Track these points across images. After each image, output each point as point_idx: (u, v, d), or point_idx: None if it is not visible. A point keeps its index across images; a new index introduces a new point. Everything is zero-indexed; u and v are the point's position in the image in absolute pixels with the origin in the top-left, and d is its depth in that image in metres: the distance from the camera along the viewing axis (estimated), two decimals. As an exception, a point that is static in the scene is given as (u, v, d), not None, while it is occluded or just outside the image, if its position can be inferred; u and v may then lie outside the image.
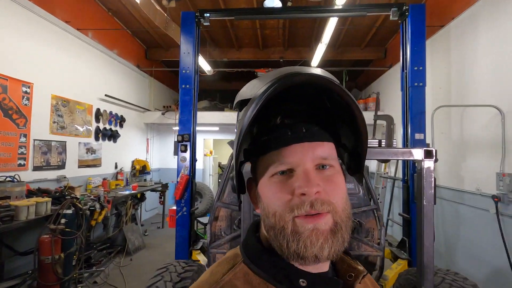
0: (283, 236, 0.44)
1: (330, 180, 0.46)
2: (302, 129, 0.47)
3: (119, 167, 5.58)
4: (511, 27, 2.84)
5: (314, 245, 0.42)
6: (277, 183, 0.46)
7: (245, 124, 0.43)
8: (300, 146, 0.46)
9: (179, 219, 3.14)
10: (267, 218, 0.47)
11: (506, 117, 2.85)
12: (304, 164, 0.45)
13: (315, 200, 0.43)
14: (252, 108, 0.42)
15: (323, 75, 0.44)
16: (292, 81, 0.43)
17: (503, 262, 2.75)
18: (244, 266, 0.49)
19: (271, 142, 0.48)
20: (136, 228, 4.94)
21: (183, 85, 3.24)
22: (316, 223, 0.42)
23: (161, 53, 6.69)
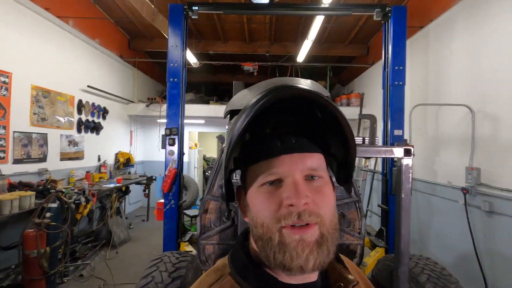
0: (270, 247, 0.44)
1: (319, 191, 0.46)
2: (292, 140, 0.47)
3: (102, 160, 5.48)
4: (483, 33, 3.04)
5: (300, 256, 0.42)
6: (265, 193, 0.46)
7: (235, 135, 0.43)
8: (289, 157, 0.46)
9: (167, 211, 3.18)
10: (255, 228, 0.47)
11: (476, 116, 3.09)
12: (293, 175, 0.45)
13: (303, 211, 0.43)
14: (242, 120, 0.42)
15: (310, 90, 0.44)
16: (282, 95, 0.43)
17: (469, 249, 3.02)
18: (231, 278, 0.49)
19: (261, 152, 0.48)
20: (121, 221, 4.91)
21: (171, 79, 3.24)
22: (302, 234, 0.43)
23: (145, 44, 6.53)
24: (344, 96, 6.97)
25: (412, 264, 1.73)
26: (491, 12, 2.95)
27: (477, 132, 3.06)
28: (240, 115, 0.44)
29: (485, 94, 2.99)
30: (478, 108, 3.06)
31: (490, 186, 2.86)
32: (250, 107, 0.42)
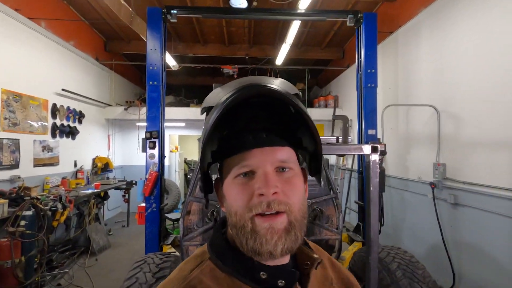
0: (243, 234, 0.47)
1: (288, 181, 0.49)
2: (263, 134, 0.51)
3: (79, 165, 5.32)
4: (445, 38, 3.29)
5: (269, 242, 0.46)
6: (239, 184, 0.49)
7: (207, 130, 0.47)
8: (260, 150, 0.49)
9: (149, 215, 3.16)
10: (230, 216, 0.51)
11: (441, 115, 3.33)
12: (264, 166, 0.48)
13: (272, 201, 0.46)
14: (214, 116, 0.46)
15: (275, 89, 0.47)
16: (249, 93, 0.47)
17: (438, 239, 3.24)
18: (210, 263, 0.52)
19: (235, 146, 0.51)
20: (100, 228, 4.79)
21: (150, 82, 3.23)
22: (272, 222, 0.46)
23: (122, 46, 6.42)
24: (322, 98, 7.19)
25: (384, 254, 1.86)
26: (452, 19, 3.20)
27: (442, 130, 3.30)
28: (212, 112, 0.48)
29: (448, 95, 3.23)
30: (443, 108, 3.30)
31: (454, 180, 3.10)
32: (220, 104, 0.46)
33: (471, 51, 2.93)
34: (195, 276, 0.50)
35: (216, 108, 0.47)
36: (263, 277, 0.49)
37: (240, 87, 0.48)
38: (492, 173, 2.66)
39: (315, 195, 2.55)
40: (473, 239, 2.88)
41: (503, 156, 2.54)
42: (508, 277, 2.50)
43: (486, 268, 2.72)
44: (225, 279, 0.50)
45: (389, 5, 4.38)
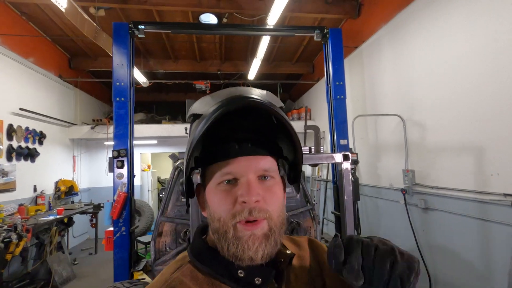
0: (225, 240, 0.49)
1: (269, 190, 0.52)
2: (248, 144, 0.53)
3: (39, 190, 4.89)
4: (405, 50, 3.51)
5: (250, 249, 0.48)
6: (222, 191, 0.51)
7: (195, 138, 0.48)
8: (245, 158, 0.51)
9: (118, 240, 2.94)
10: (212, 222, 0.52)
11: (406, 124, 3.49)
12: (247, 174, 0.50)
13: (253, 208, 0.48)
14: (202, 125, 0.48)
15: (262, 101, 0.49)
16: (237, 106, 0.48)
17: (412, 244, 3.30)
18: (190, 265, 0.54)
19: (220, 153, 0.52)
20: (63, 257, 4.38)
21: (117, 98, 3.10)
22: (253, 230, 0.49)
23: (88, 63, 6.18)
24: (295, 111, 7.33)
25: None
26: (409, 34, 3.42)
27: (409, 138, 3.45)
28: (200, 121, 0.49)
29: (411, 104, 3.41)
30: (408, 117, 3.47)
31: (423, 185, 3.22)
32: (209, 115, 0.48)
33: (427, 62, 3.14)
34: (176, 278, 0.52)
35: (205, 118, 0.49)
36: (240, 275, 0.51)
37: (229, 99, 0.50)
38: (457, 176, 2.79)
39: (291, 208, 2.52)
40: (444, 242, 2.97)
41: (466, 159, 2.69)
42: (478, 276, 2.59)
43: (459, 269, 2.80)
44: (204, 280, 0.52)
45: (353, 21, 4.63)
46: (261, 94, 0.53)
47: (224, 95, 0.51)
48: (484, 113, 2.50)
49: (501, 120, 2.35)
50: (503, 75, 2.32)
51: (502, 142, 2.35)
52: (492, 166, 2.43)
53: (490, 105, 2.44)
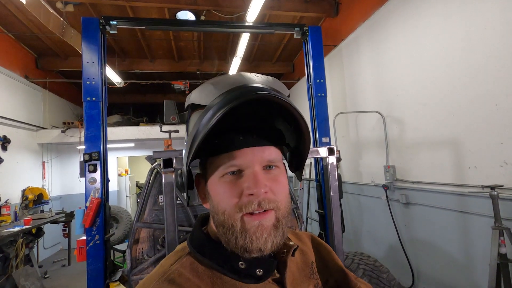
0: (231, 233, 0.48)
1: (276, 179, 0.51)
2: (253, 134, 0.50)
3: (4, 200, 4.52)
4: (383, 48, 3.55)
5: (259, 240, 0.47)
6: (227, 183, 0.49)
7: (202, 132, 0.46)
8: (250, 150, 0.49)
9: (91, 249, 2.74)
10: (216, 215, 0.50)
11: (386, 120, 3.52)
12: (253, 166, 0.49)
13: (262, 200, 0.47)
14: (208, 118, 0.46)
15: (274, 94, 0.47)
16: (247, 98, 0.45)
17: (395, 239, 3.34)
18: (190, 257, 0.53)
19: (223, 145, 0.50)
20: (32, 271, 4.05)
21: (88, 98, 2.90)
22: (261, 220, 0.47)
23: (57, 63, 5.82)
24: (276, 111, 7.31)
25: (348, 261, 1.79)
26: (386, 32, 3.47)
27: (389, 134, 3.49)
28: (205, 112, 0.47)
29: (390, 101, 3.45)
30: (387, 113, 3.51)
31: (404, 181, 3.26)
32: (216, 107, 0.46)
33: (404, 59, 3.19)
34: (175, 270, 0.50)
35: (210, 110, 0.47)
36: (241, 267, 0.50)
37: (237, 89, 0.47)
38: (436, 171, 2.84)
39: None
40: (426, 236, 3.01)
41: (443, 153, 2.74)
42: (459, 268, 2.63)
43: (440, 262, 2.84)
44: (205, 271, 0.51)
45: (331, 20, 4.66)
46: (267, 81, 0.51)
47: (228, 84, 0.49)
48: (459, 107, 2.55)
49: (476, 113, 2.40)
50: (475, 69, 2.38)
51: (477, 135, 2.40)
52: (469, 159, 2.48)
53: (465, 99, 2.49)
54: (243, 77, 0.50)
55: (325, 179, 1.14)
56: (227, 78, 0.51)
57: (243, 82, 0.49)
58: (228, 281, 0.50)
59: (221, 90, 0.48)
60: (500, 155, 2.23)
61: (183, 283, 0.48)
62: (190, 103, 0.52)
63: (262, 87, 0.48)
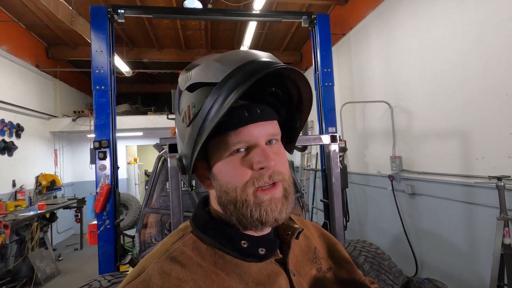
0: (246, 207, 0.48)
1: (278, 153, 0.52)
2: (257, 110, 0.50)
3: (19, 185, 4.69)
4: (392, 36, 3.48)
5: (274, 211, 0.48)
6: (235, 160, 0.49)
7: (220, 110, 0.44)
8: (255, 125, 0.50)
9: (102, 233, 2.85)
10: (226, 194, 0.50)
11: (394, 110, 3.48)
12: (260, 141, 0.50)
13: (272, 173, 0.48)
14: (224, 96, 0.44)
15: (289, 67, 0.47)
16: (267, 71, 0.44)
17: (399, 229, 3.35)
18: (193, 235, 0.53)
19: (228, 122, 0.49)
20: (47, 253, 4.24)
21: (97, 86, 2.96)
22: (272, 194, 0.49)
23: (67, 52, 5.89)
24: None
25: (351, 248, 1.82)
26: (396, 20, 3.39)
27: (396, 124, 3.46)
28: (218, 90, 0.44)
29: (398, 90, 3.40)
30: (395, 104, 3.47)
31: (410, 171, 3.24)
32: (236, 84, 0.44)
33: (413, 48, 3.12)
34: (177, 248, 0.51)
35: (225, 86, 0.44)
36: (244, 245, 0.51)
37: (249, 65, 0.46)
38: (443, 161, 2.81)
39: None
40: (431, 226, 3.02)
41: (451, 144, 2.71)
42: (464, 258, 2.64)
43: (445, 252, 2.85)
44: (207, 250, 0.51)
45: (340, 8, 4.57)
46: (270, 55, 0.50)
47: (238, 60, 0.46)
48: (469, 97, 2.50)
49: (486, 103, 2.36)
50: (488, 58, 2.32)
51: (486, 125, 2.37)
52: (477, 149, 2.45)
53: (475, 88, 2.44)
54: (250, 53, 0.49)
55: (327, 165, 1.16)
56: (234, 54, 0.49)
57: (253, 57, 0.47)
58: (230, 260, 0.50)
59: (231, 66, 0.46)
60: (508, 146, 2.20)
61: (184, 261, 0.49)
62: (196, 82, 0.50)
63: (273, 61, 0.47)
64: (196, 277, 0.47)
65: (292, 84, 0.53)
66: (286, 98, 0.56)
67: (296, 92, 0.54)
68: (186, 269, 0.47)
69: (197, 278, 0.47)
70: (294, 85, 0.53)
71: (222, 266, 0.50)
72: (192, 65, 0.55)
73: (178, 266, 0.48)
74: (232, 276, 0.49)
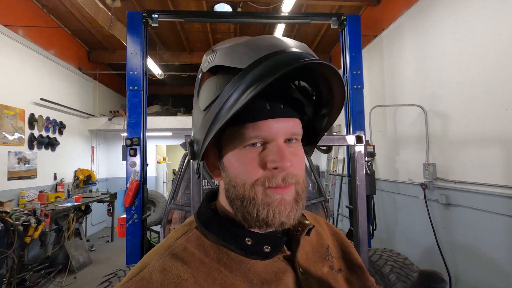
0: (253, 206, 0.45)
1: (296, 153, 0.48)
2: (280, 105, 0.47)
3: (59, 178, 5.07)
4: (428, 37, 3.30)
5: (282, 213, 0.45)
6: (249, 154, 0.46)
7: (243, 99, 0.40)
8: (276, 121, 0.46)
9: (130, 227, 2.99)
10: (234, 188, 0.47)
11: (428, 115, 3.29)
12: (278, 138, 0.46)
13: (286, 175, 0.45)
14: (248, 84, 0.41)
15: (325, 63, 0.43)
16: (298, 65, 0.40)
17: (432, 241, 3.14)
18: (197, 231, 0.51)
19: (247, 113, 0.45)
20: (81, 243, 4.52)
21: (130, 87, 3.12)
22: (283, 194, 0.46)
23: (106, 56, 6.31)
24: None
25: (376, 257, 1.74)
26: (432, 20, 3.21)
27: (430, 129, 3.26)
28: (241, 77, 0.41)
29: (434, 94, 3.21)
30: (429, 108, 3.28)
31: (445, 180, 3.03)
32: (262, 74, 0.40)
33: (451, 48, 2.93)
34: (180, 244, 0.49)
35: (250, 74, 0.41)
36: (248, 243, 0.49)
37: (280, 52, 0.42)
38: (483, 170, 2.60)
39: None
40: (467, 240, 2.79)
41: (493, 151, 2.49)
42: (506, 277, 2.41)
43: (483, 269, 2.62)
44: (211, 247, 0.49)
45: (372, 9, 4.43)
46: (302, 45, 0.46)
47: (267, 47, 0.43)
48: (515, 102, 2.30)
49: (536, 108, 2.15)
50: (539, 59, 2.12)
51: (535, 133, 2.15)
52: (524, 158, 2.24)
53: (523, 92, 2.24)
54: (281, 41, 0.45)
55: (352, 167, 1.11)
56: (265, 40, 0.45)
57: (283, 46, 0.43)
58: (235, 257, 0.48)
59: (259, 53, 0.42)
60: (561, 155, 1.98)
61: (187, 257, 0.47)
62: (215, 65, 0.46)
63: (306, 53, 0.44)
64: (197, 274, 0.45)
65: (324, 81, 0.49)
66: (315, 95, 0.53)
67: (327, 90, 0.50)
68: (187, 266, 0.46)
69: (198, 276, 0.45)
70: (326, 83, 0.49)
71: (226, 263, 0.48)
72: (219, 45, 0.50)
73: (179, 263, 0.46)
74: (236, 274, 0.47)
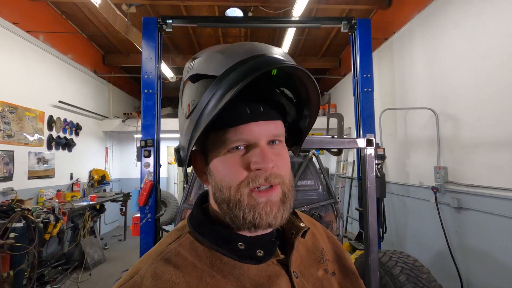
0: (238, 208, 0.46)
1: (280, 154, 0.49)
2: (260, 108, 0.48)
3: (75, 178, 5.24)
4: (439, 40, 3.30)
5: (269, 215, 0.46)
6: (232, 158, 0.47)
7: (217, 106, 0.42)
8: (256, 124, 0.47)
9: (144, 226, 3.07)
10: (220, 192, 0.48)
11: (439, 118, 3.28)
12: (260, 141, 0.47)
13: (269, 175, 0.46)
14: (224, 91, 0.42)
15: (296, 66, 0.44)
16: (267, 69, 0.42)
17: (443, 245, 3.12)
18: (190, 236, 0.51)
19: (229, 118, 0.47)
20: (95, 241, 4.66)
21: (145, 90, 3.23)
22: (268, 196, 0.46)
23: (120, 59, 6.49)
24: (321, 107, 7.18)
25: (386, 258, 1.76)
26: (444, 24, 3.21)
27: (441, 133, 3.25)
28: (217, 84, 0.43)
29: (445, 97, 3.20)
30: (441, 111, 3.26)
31: (457, 183, 3.01)
32: (236, 80, 0.42)
33: (463, 51, 2.92)
34: (173, 249, 0.49)
35: (225, 80, 0.42)
36: (241, 247, 0.49)
37: (255, 57, 0.43)
38: (495, 173, 2.58)
39: (313, 201, 2.48)
40: (480, 244, 2.77)
41: (506, 155, 2.48)
42: (519, 283, 2.38)
43: (496, 273, 2.60)
44: (204, 251, 0.49)
45: (383, 12, 4.44)
46: (279, 52, 0.47)
47: (242, 53, 0.44)
48: (529, 105, 2.28)
49: (549, 112, 2.13)
50: (552, 63, 2.11)
51: (549, 137, 2.13)
52: (537, 162, 2.22)
53: (537, 96, 2.22)
54: (256, 46, 0.46)
55: (362, 170, 1.15)
56: (239, 46, 0.46)
57: (258, 51, 0.45)
58: (228, 262, 0.48)
59: (233, 59, 0.44)
60: None
61: (179, 262, 0.47)
62: (194, 73, 0.48)
63: (279, 58, 0.45)
64: (190, 279, 0.45)
65: (301, 83, 0.50)
66: (295, 98, 0.54)
67: (305, 92, 0.50)
68: (179, 271, 0.46)
69: (190, 280, 0.45)
70: (303, 86, 0.50)
71: (219, 268, 0.47)
72: (199, 54, 0.51)
73: (172, 268, 0.46)
74: (229, 278, 0.47)
